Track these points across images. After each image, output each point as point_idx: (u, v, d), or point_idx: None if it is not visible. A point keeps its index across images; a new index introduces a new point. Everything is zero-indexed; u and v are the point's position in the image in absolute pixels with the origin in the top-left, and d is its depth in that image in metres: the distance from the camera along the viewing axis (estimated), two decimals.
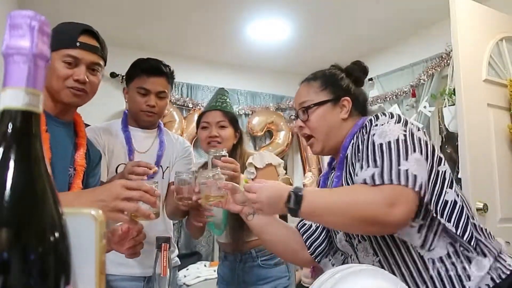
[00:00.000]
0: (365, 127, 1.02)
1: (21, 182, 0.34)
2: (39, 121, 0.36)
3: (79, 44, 1.17)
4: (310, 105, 1.13)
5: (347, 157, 1.07)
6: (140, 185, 0.98)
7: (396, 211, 0.85)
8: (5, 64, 0.36)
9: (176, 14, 3.23)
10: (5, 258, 0.32)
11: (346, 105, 1.13)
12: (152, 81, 1.59)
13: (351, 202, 0.91)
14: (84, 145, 1.27)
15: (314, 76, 1.21)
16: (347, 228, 1.00)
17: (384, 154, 0.91)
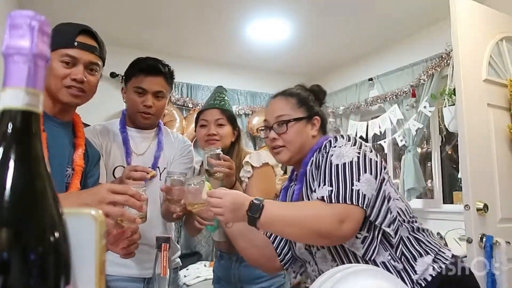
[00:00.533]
0: (325, 147, 1.13)
1: (21, 182, 0.34)
2: (39, 121, 0.36)
3: (77, 44, 1.17)
4: (290, 120, 1.22)
5: (307, 172, 1.18)
6: (126, 189, 0.98)
7: (345, 227, 0.98)
8: (5, 64, 0.36)
9: (176, 14, 3.23)
10: (5, 258, 0.32)
11: (316, 123, 1.26)
12: (149, 81, 1.56)
13: (307, 216, 1.01)
14: (82, 145, 1.27)
15: (290, 93, 1.30)
16: (302, 239, 1.10)
17: (340, 175, 1.04)
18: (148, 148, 1.63)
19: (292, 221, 1.02)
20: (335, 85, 4.48)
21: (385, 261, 1.07)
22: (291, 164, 1.27)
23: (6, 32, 0.35)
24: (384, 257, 1.07)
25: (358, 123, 4.06)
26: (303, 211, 1.04)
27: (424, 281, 1.04)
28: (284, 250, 1.29)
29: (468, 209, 1.93)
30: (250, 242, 1.26)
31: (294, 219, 1.02)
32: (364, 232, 1.07)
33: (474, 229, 1.92)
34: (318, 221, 0.99)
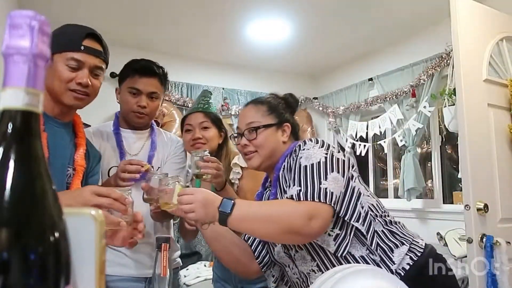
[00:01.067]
0: (295, 151, 1.18)
1: (21, 182, 0.34)
2: (39, 121, 0.36)
3: (84, 48, 1.17)
4: (260, 126, 1.26)
5: (280, 177, 1.22)
6: (110, 192, 0.97)
7: (314, 224, 1.01)
8: (5, 64, 0.36)
9: (176, 14, 3.23)
10: (5, 258, 0.32)
11: (287, 130, 1.30)
12: (143, 82, 1.56)
13: (277, 212, 1.04)
14: (83, 145, 1.27)
15: (261, 101, 1.35)
16: (273, 236, 1.10)
17: (308, 174, 1.08)
18: (142, 148, 1.64)
19: (262, 218, 1.04)
20: (335, 85, 4.49)
21: (364, 255, 1.11)
22: (262, 169, 1.31)
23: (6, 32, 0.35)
24: (362, 251, 1.11)
25: (358, 123, 4.06)
26: (273, 208, 1.07)
27: (403, 270, 1.08)
28: (262, 252, 1.30)
29: (468, 209, 1.93)
30: (227, 244, 1.26)
31: (265, 216, 1.04)
32: (337, 230, 1.11)
33: (474, 229, 1.92)
34: (287, 218, 1.02)
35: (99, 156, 1.41)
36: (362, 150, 3.98)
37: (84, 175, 1.25)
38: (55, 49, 1.13)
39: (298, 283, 1.23)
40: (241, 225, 1.07)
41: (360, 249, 1.12)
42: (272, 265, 1.32)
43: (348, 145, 4.14)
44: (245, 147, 1.27)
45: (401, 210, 3.60)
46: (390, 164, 3.98)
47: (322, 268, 1.14)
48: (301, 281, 1.22)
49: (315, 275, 1.16)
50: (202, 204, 1.03)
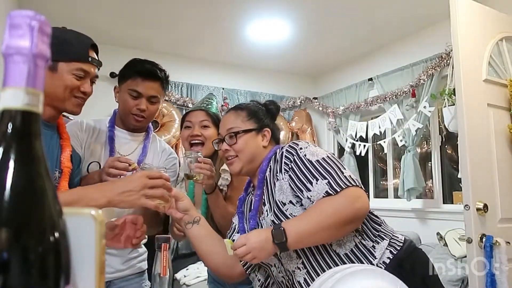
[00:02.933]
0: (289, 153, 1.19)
1: (21, 182, 0.34)
2: (39, 121, 0.36)
3: (91, 59, 1.22)
4: (239, 131, 1.30)
5: (266, 178, 1.25)
6: (161, 174, 1.09)
7: (359, 205, 1.07)
8: (5, 64, 0.36)
9: (176, 14, 3.23)
10: (5, 258, 0.32)
11: (267, 135, 1.33)
12: (146, 85, 1.54)
13: (327, 215, 1.06)
14: (69, 146, 1.28)
15: (241, 107, 1.38)
16: (333, 237, 1.13)
17: (326, 166, 1.12)
18: (133, 151, 1.61)
19: (317, 227, 1.06)
20: (335, 85, 4.49)
21: (347, 252, 1.14)
22: (244, 174, 1.33)
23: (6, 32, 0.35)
24: (345, 248, 1.14)
25: (358, 123, 4.06)
26: (319, 214, 1.07)
27: (383, 264, 1.11)
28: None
29: (468, 209, 1.93)
30: (211, 246, 1.26)
31: (318, 224, 1.06)
32: None
33: (474, 229, 1.92)
34: (337, 215, 1.05)
35: (79, 159, 1.42)
36: (362, 150, 3.98)
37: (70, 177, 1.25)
38: (61, 57, 1.16)
39: (284, 282, 1.25)
40: (301, 244, 1.12)
41: (343, 246, 1.14)
42: (257, 268, 1.33)
43: (348, 145, 4.14)
44: (226, 152, 1.31)
45: (401, 210, 3.60)
46: (390, 164, 3.98)
47: (307, 265, 1.17)
48: (286, 279, 1.23)
49: (299, 273, 1.18)
50: (259, 248, 1.07)
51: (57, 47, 1.16)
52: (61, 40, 1.17)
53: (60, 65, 1.17)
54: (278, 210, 1.18)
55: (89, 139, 1.53)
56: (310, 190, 1.11)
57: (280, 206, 1.18)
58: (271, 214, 1.20)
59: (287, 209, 1.17)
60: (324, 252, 1.15)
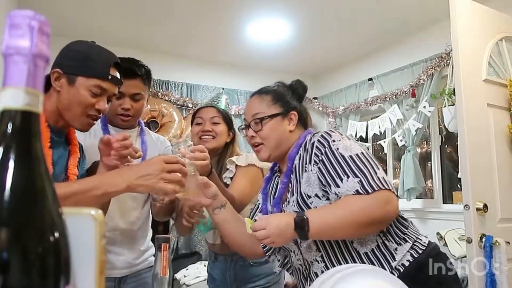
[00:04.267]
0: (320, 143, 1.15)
1: (21, 182, 0.34)
2: (38, 121, 0.36)
3: (111, 78, 1.19)
4: (264, 117, 1.26)
5: (295, 167, 1.21)
6: (178, 159, 1.11)
7: (390, 208, 1.05)
8: (4, 64, 0.36)
9: (176, 14, 3.23)
10: (5, 258, 0.32)
11: (293, 118, 1.28)
12: (125, 84, 1.48)
13: (355, 212, 1.03)
14: (77, 152, 1.27)
15: (266, 90, 1.33)
16: (354, 235, 1.11)
17: (359, 164, 1.07)
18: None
19: (341, 222, 1.04)
20: (335, 85, 4.49)
21: (368, 251, 1.11)
22: (272, 160, 1.31)
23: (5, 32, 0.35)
24: (366, 248, 1.12)
25: (358, 123, 4.06)
26: (347, 209, 1.04)
27: (402, 267, 1.09)
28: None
29: (467, 209, 1.93)
30: (236, 228, 1.28)
31: (343, 220, 1.04)
32: None
33: (473, 229, 1.92)
34: (366, 213, 1.03)
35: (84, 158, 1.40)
36: None
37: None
38: (81, 72, 1.14)
39: (301, 269, 1.24)
40: (321, 236, 1.10)
41: (365, 245, 1.12)
42: (277, 250, 1.33)
43: None
44: (252, 139, 1.28)
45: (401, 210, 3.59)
46: (390, 164, 3.98)
47: (326, 259, 1.15)
48: (303, 268, 1.23)
49: (317, 265, 1.17)
50: (278, 234, 1.05)
51: (79, 61, 1.16)
52: (84, 55, 1.16)
53: (79, 80, 1.14)
54: (303, 201, 1.16)
55: (87, 140, 1.54)
56: (339, 186, 1.08)
57: (305, 198, 1.16)
58: (295, 204, 1.18)
59: (312, 202, 1.15)
60: (345, 248, 1.13)
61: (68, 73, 1.14)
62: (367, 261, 1.11)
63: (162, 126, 3.85)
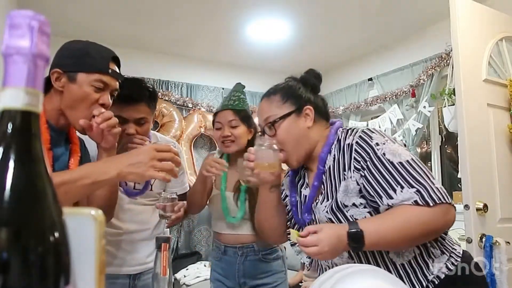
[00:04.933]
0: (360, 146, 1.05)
1: (21, 182, 0.34)
2: (38, 121, 0.36)
3: (111, 71, 1.19)
4: (275, 120, 1.16)
5: (329, 169, 1.12)
6: (170, 148, 1.08)
7: (448, 222, 1.00)
8: (4, 64, 0.36)
9: (176, 15, 3.23)
10: (5, 258, 0.32)
11: (309, 113, 1.18)
12: (129, 110, 1.46)
13: (413, 227, 0.97)
14: (77, 151, 1.26)
15: (274, 90, 1.23)
16: (407, 247, 1.04)
17: (413, 173, 0.99)
18: None
19: (398, 235, 0.97)
20: (335, 85, 4.49)
21: (404, 263, 1.05)
22: (303, 163, 1.21)
23: (5, 32, 0.35)
24: (403, 259, 1.05)
25: (358, 123, 4.06)
26: (408, 222, 0.97)
27: (437, 279, 1.04)
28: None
29: (467, 209, 1.93)
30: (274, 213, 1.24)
31: (400, 233, 0.97)
32: None
33: (473, 229, 1.92)
34: (429, 226, 0.98)
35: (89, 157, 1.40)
36: None
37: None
38: (81, 68, 1.14)
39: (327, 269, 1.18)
40: (373, 248, 1.03)
41: (401, 256, 1.05)
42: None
43: None
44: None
45: None
46: None
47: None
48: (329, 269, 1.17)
49: None
50: (331, 252, 0.97)
51: (78, 58, 1.16)
52: (83, 52, 1.16)
53: (80, 76, 1.14)
54: (338, 210, 1.08)
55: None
56: (392, 198, 0.99)
57: (341, 207, 1.07)
58: (328, 210, 1.10)
59: (348, 211, 1.07)
60: (380, 258, 1.07)
61: (68, 71, 1.14)
62: (403, 273, 1.05)
63: (162, 126, 3.85)
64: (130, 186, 1.60)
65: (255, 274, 1.71)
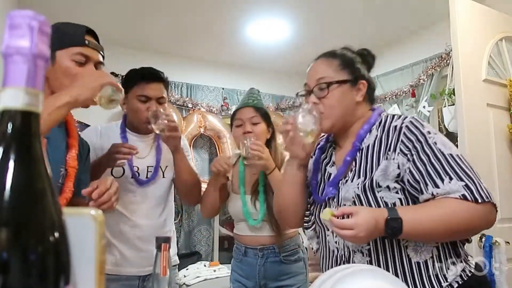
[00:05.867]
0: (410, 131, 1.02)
1: (21, 182, 0.34)
2: (38, 121, 0.36)
3: (88, 43, 1.17)
4: (332, 82, 1.11)
5: (367, 147, 1.08)
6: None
7: (490, 222, 0.98)
8: (4, 64, 0.36)
9: (176, 14, 3.23)
10: (5, 258, 0.32)
11: (362, 88, 1.14)
12: (152, 87, 1.61)
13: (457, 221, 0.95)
14: (75, 146, 1.25)
15: (332, 54, 1.18)
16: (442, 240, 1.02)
17: (463, 167, 0.98)
18: (149, 152, 1.70)
19: (438, 228, 0.95)
20: None
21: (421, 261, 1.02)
22: (334, 131, 1.17)
23: (5, 32, 0.35)
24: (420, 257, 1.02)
25: None
26: (452, 215, 0.94)
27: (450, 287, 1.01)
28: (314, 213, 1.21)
29: None
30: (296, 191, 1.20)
31: (441, 226, 0.95)
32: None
33: None
34: (473, 223, 0.96)
35: (88, 149, 1.41)
36: None
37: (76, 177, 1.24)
38: (57, 46, 1.13)
39: (335, 253, 1.12)
40: (409, 237, 1.00)
41: (419, 254, 1.02)
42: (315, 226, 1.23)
43: None
44: (314, 106, 1.12)
45: None
46: None
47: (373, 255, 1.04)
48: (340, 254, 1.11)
49: (361, 257, 1.06)
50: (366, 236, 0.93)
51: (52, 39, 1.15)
52: (55, 31, 1.13)
53: (58, 54, 1.14)
54: (370, 188, 1.03)
55: (106, 144, 1.58)
56: (438, 187, 0.96)
57: (375, 186, 1.03)
58: (360, 188, 1.05)
59: (379, 192, 1.03)
60: (397, 251, 1.03)
61: None
62: (417, 273, 1.01)
63: None
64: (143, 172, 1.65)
65: (275, 275, 1.71)
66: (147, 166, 1.66)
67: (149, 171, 1.66)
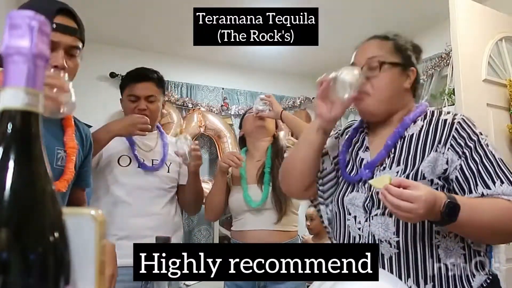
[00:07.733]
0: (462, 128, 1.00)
1: (21, 182, 0.34)
2: (38, 121, 0.36)
3: (56, 26, 1.03)
4: (385, 61, 1.07)
5: (411, 137, 1.04)
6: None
7: None
8: (4, 64, 0.36)
9: (176, 14, 3.23)
10: (5, 258, 0.32)
11: (411, 75, 1.10)
12: (139, 87, 1.66)
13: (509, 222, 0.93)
14: (71, 126, 1.18)
15: (386, 36, 1.16)
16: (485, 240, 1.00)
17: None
18: (155, 146, 1.74)
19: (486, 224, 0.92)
20: None
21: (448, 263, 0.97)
22: (377, 114, 1.10)
23: (5, 32, 0.35)
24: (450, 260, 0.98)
25: None
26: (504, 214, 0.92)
27: None
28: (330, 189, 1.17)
29: None
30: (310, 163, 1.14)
31: (492, 223, 0.92)
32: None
33: None
34: None
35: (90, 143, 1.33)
36: None
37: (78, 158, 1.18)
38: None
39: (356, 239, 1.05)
40: (456, 229, 0.94)
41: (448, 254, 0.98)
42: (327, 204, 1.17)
43: None
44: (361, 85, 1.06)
45: None
46: None
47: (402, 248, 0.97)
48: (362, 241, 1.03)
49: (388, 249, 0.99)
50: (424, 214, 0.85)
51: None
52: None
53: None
54: (414, 179, 0.97)
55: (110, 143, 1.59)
56: (489, 188, 0.93)
57: (419, 177, 0.98)
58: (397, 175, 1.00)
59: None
60: (428, 249, 0.97)
61: None
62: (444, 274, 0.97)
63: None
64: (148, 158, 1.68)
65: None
66: (152, 159, 1.70)
67: (154, 164, 1.69)
